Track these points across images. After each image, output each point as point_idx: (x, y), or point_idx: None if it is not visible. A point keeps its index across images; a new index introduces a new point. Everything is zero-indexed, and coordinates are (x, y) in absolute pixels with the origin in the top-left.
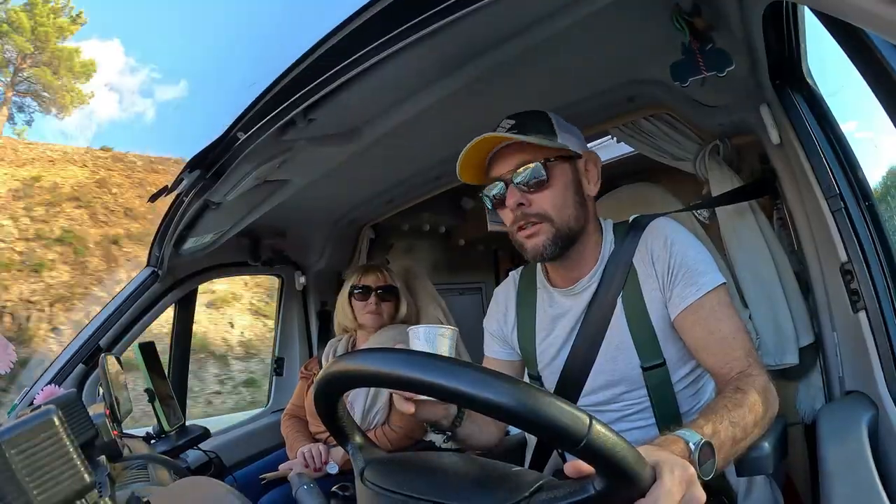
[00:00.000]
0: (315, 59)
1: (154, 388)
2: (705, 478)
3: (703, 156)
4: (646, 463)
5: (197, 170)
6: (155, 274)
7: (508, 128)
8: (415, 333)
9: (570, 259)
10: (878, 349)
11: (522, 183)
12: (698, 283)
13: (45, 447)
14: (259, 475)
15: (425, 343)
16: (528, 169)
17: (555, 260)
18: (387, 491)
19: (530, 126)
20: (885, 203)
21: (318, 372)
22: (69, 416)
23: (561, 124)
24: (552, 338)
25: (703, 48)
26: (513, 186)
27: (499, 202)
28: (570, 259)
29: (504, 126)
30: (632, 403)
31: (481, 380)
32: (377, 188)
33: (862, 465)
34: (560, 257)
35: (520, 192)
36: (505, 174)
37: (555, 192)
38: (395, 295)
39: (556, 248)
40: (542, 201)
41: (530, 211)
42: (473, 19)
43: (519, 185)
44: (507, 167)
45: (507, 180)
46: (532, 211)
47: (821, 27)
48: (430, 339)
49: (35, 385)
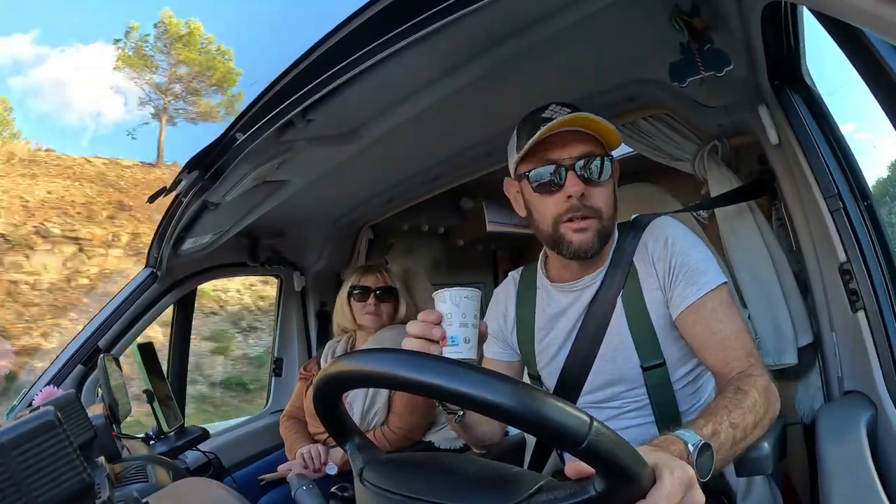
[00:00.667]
0: (314, 60)
1: (153, 389)
2: (703, 479)
3: (701, 156)
4: (645, 464)
5: (196, 170)
6: (154, 275)
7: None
8: (440, 297)
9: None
10: (876, 349)
11: (589, 175)
12: (699, 282)
13: (44, 448)
14: (258, 476)
15: (452, 305)
16: (595, 160)
17: (592, 258)
18: (386, 491)
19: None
20: (885, 203)
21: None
22: (68, 417)
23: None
24: (551, 337)
25: (702, 48)
26: (574, 174)
27: (547, 186)
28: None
29: (557, 111)
30: (630, 401)
31: (482, 381)
32: (376, 188)
33: (861, 465)
34: (595, 255)
35: (583, 182)
36: (565, 159)
37: (610, 188)
38: (394, 296)
39: (600, 245)
40: (601, 196)
41: (588, 203)
42: (472, 20)
43: (585, 175)
44: (570, 153)
45: (569, 166)
46: (589, 203)
47: (819, 27)
48: (456, 301)
49: (34, 386)
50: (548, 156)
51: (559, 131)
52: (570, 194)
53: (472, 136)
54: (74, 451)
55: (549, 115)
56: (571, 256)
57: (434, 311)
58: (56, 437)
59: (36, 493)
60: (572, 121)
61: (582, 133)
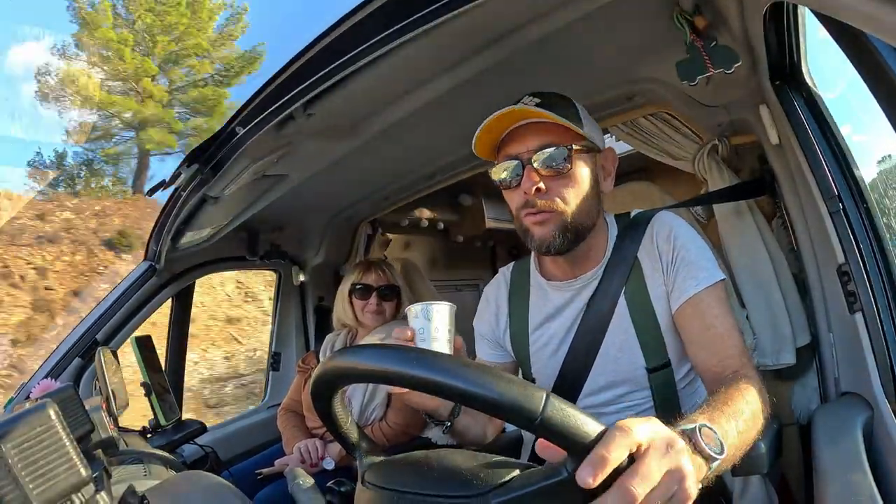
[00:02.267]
0: (314, 54)
1: (150, 383)
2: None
3: (702, 155)
4: (601, 426)
5: (195, 164)
6: (152, 268)
7: (534, 105)
8: (412, 312)
9: (577, 254)
10: (873, 351)
11: (543, 165)
12: (698, 277)
13: (41, 441)
14: (255, 470)
15: (424, 319)
16: (550, 151)
17: (561, 254)
18: (381, 489)
19: (557, 107)
20: (884, 205)
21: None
22: (65, 410)
23: (585, 114)
24: (547, 337)
25: (708, 46)
26: (531, 167)
27: (509, 183)
28: (576, 254)
29: (527, 102)
30: (634, 404)
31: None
32: (375, 184)
33: (856, 466)
34: (566, 252)
35: (538, 176)
36: (523, 153)
37: (574, 181)
38: (396, 294)
39: (564, 241)
40: (560, 189)
41: (545, 197)
42: (473, 16)
43: (538, 167)
44: (527, 146)
45: (526, 160)
46: (547, 197)
47: (821, 28)
48: (427, 315)
49: (31, 379)
50: (509, 150)
51: (522, 124)
52: (524, 189)
53: (472, 132)
54: (72, 444)
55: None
56: (538, 251)
57: (407, 328)
58: (53, 431)
59: (33, 485)
60: (531, 112)
61: (549, 123)
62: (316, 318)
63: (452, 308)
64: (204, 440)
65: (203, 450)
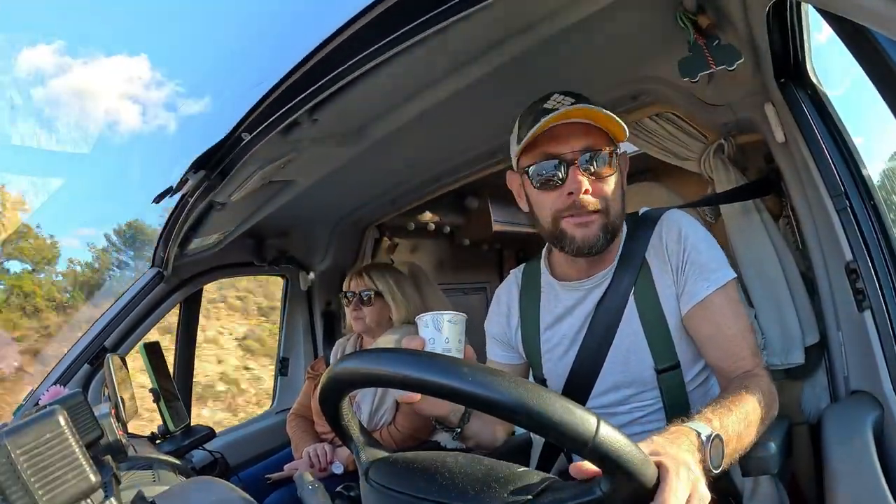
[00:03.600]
0: (320, 59)
1: (159, 388)
2: (715, 470)
3: (707, 155)
4: (651, 464)
5: (202, 170)
6: (160, 274)
7: (569, 104)
8: (423, 322)
9: (601, 254)
10: (883, 349)
11: (592, 169)
12: (710, 278)
13: (50, 447)
14: (264, 475)
15: (434, 330)
16: (599, 153)
17: (598, 254)
18: (391, 490)
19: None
20: (891, 202)
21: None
22: (74, 416)
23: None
24: (558, 338)
25: (711, 44)
26: (578, 168)
27: (549, 182)
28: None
29: (560, 101)
30: (643, 405)
31: (489, 381)
32: (381, 188)
33: (867, 465)
34: (602, 252)
35: (586, 177)
36: (567, 153)
37: (616, 182)
38: (379, 298)
39: (605, 240)
40: (605, 190)
41: (590, 199)
42: (477, 19)
43: (588, 169)
44: (571, 147)
45: (570, 161)
46: (593, 199)
47: (825, 25)
48: (438, 325)
49: (41, 386)
50: (549, 149)
51: (561, 123)
52: (572, 191)
53: (478, 135)
54: (81, 450)
55: (552, 105)
56: (575, 253)
57: (417, 338)
58: (62, 437)
59: (42, 492)
60: (575, 112)
61: (586, 125)
62: (323, 322)
63: (463, 318)
64: (213, 445)
65: (212, 455)
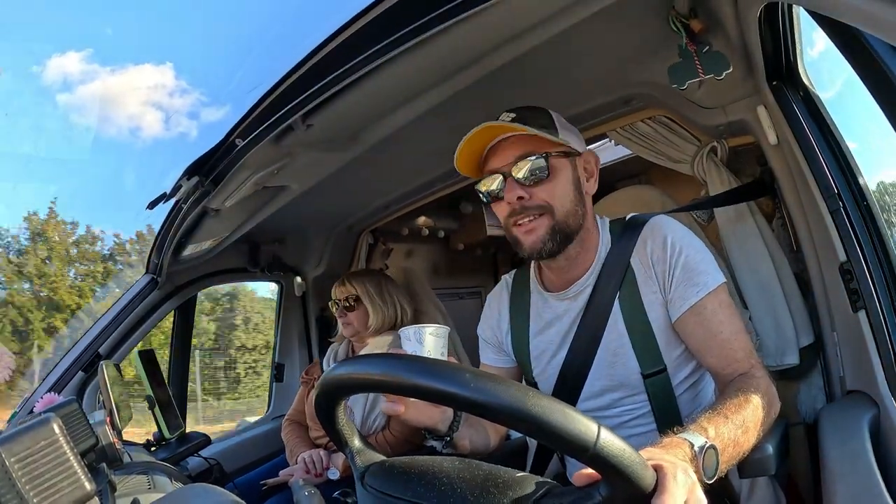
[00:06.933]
0: (313, 65)
1: (154, 396)
2: (708, 480)
3: (700, 157)
4: (649, 469)
5: (195, 176)
6: (154, 281)
7: (509, 120)
8: (405, 335)
9: (568, 258)
10: (878, 348)
11: (523, 176)
12: (699, 283)
13: (45, 455)
14: (260, 482)
15: (416, 343)
16: (529, 161)
17: (552, 257)
18: (389, 496)
19: (531, 119)
20: (884, 202)
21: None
22: (69, 423)
23: (561, 121)
24: (547, 343)
25: (701, 51)
26: (512, 180)
27: (495, 196)
28: (567, 258)
29: (504, 118)
30: (631, 409)
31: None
32: (375, 193)
33: (864, 464)
34: (557, 255)
35: (520, 186)
36: (503, 167)
37: (556, 184)
38: (361, 304)
39: (554, 243)
40: (543, 193)
41: (530, 203)
42: (469, 25)
43: (519, 178)
44: (507, 160)
45: (506, 173)
46: (532, 203)
47: (816, 27)
48: (420, 338)
49: (35, 393)
50: (491, 165)
51: (500, 140)
52: (508, 200)
53: None
54: (76, 457)
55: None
56: (529, 257)
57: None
58: (57, 444)
59: (37, 499)
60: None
61: (524, 136)
62: (318, 328)
63: (446, 330)
64: (208, 452)
65: (207, 462)
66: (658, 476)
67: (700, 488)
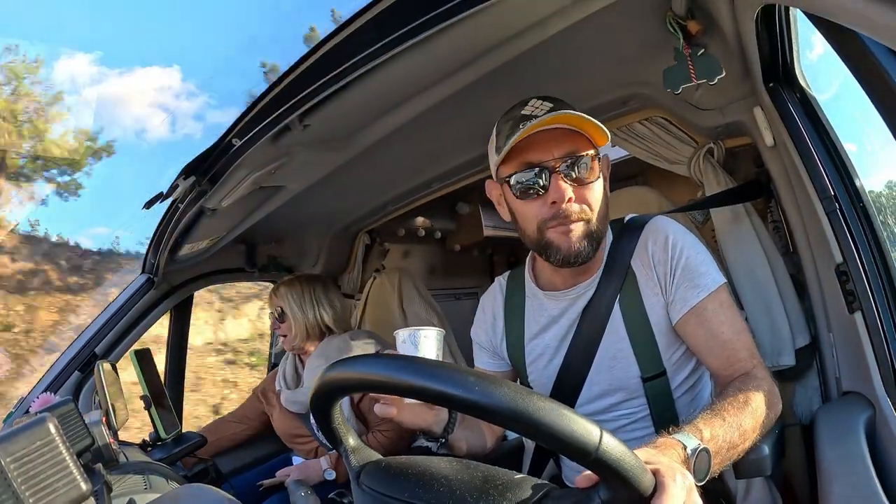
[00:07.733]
0: (310, 65)
1: (150, 396)
2: (699, 483)
3: (697, 159)
4: (648, 472)
5: (192, 176)
6: (150, 280)
7: (548, 109)
8: (400, 338)
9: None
10: (874, 349)
11: (574, 174)
12: (700, 284)
13: (41, 455)
14: (256, 482)
15: (411, 346)
16: (580, 159)
17: (585, 263)
18: (387, 496)
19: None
20: (880, 203)
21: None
22: (65, 423)
23: None
24: (543, 346)
25: (695, 54)
26: (559, 175)
27: (530, 191)
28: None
29: (538, 107)
30: (630, 412)
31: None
32: (373, 193)
33: (860, 465)
34: (588, 261)
35: (570, 185)
36: (548, 161)
37: (599, 188)
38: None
39: (590, 250)
40: (588, 197)
41: (574, 206)
42: (467, 26)
43: (568, 175)
44: (553, 153)
45: (551, 168)
46: (577, 206)
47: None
48: (415, 341)
49: (31, 393)
50: (529, 157)
51: (541, 130)
52: (555, 200)
53: (468, 141)
54: (71, 457)
55: (530, 111)
56: (561, 263)
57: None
58: (53, 444)
59: (32, 500)
60: (555, 118)
61: (566, 130)
62: None
63: (441, 333)
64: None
65: (203, 462)
66: (657, 479)
67: (696, 490)
